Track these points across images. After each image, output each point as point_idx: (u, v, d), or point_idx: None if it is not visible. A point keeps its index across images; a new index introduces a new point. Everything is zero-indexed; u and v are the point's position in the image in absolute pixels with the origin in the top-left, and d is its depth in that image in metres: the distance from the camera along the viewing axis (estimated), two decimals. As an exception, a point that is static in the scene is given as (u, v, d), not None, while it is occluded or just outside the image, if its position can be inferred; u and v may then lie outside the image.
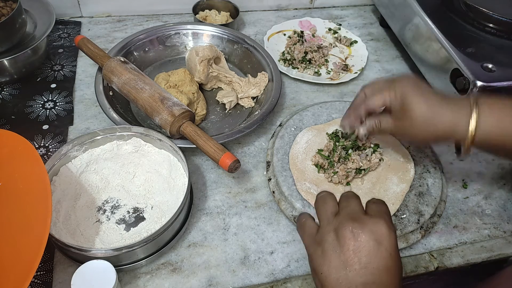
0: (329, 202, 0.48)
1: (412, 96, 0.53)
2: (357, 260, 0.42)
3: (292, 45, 0.90)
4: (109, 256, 0.51)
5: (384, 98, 0.56)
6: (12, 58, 0.73)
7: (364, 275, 0.41)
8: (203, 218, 0.62)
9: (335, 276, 0.42)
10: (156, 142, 0.64)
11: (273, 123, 0.77)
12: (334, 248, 0.43)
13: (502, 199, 0.69)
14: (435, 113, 0.52)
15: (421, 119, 0.53)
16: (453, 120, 0.52)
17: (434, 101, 0.53)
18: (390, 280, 0.42)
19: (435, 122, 0.52)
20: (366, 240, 0.42)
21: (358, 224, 0.43)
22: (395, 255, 0.43)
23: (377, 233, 0.43)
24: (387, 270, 0.42)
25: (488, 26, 0.77)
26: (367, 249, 0.42)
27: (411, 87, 0.54)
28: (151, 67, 0.84)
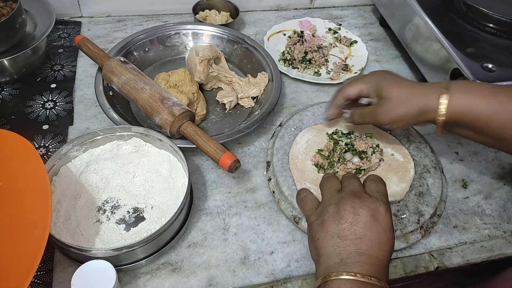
0: (333, 180, 0.53)
1: (385, 82, 0.58)
2: (353, 232, 0.46)
3: (292, 45, 0.90)
4: (109, 256, 0.51)
5: (360, 87, 0.61)
6: (12, 58, 0.74)
7: (358, 245, 0.45)
8: (203, 218, 0.62)
9: (331, 243, 0.46)
10: (156, 142, 0.64)
11: (273, 123, 0.77)
12: (334, 219, 0.47)
13: (502, 199, 0.69)
14: (408, 94, 0.57)
15: (396, 101, 0.57)
16: (425, 99, 0.55)
17: (406, 85, 0.57)
18: (382, 254, 0.46)
19: (408, 103, 0.56)
20: (364, 215, 0.47)
21: (359, 200, 0.48)
22: (389, 232, 0.47)
23: (374, 210, 0.47)
24: (380, 244, 0.46)
25: (488, 26, 0.77)
26: (364, 223, 0.46)
27: (384, 76, 0.60)
28: (151, 67, 0.84)
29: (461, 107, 0.53)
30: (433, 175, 0.67)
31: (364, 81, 0.61)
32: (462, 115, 0.54)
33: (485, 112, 0.52)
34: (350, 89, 0.62)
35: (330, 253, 0.46)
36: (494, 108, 0.52)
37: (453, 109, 0.53)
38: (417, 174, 0.67)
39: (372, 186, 0.51)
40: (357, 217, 0.47)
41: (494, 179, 0.72)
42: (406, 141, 0.72)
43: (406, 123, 0.58)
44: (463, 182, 0.71)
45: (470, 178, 0.72)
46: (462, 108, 0.53)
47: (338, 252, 0.46)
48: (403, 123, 0.58)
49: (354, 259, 0.45)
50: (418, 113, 0.56)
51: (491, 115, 0.52)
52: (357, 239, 0.46)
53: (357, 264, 0.44)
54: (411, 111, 0.56)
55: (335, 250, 0.46)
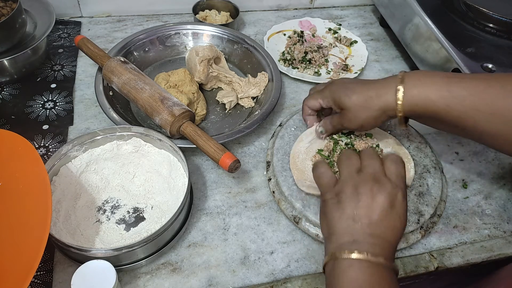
0: (353, 159, 0.52)
1: (340, 93, 0.59)
2: (369, 216, 0.47)
3: (292, 45, 0.90)
4: (109, 256, 0.51)
5: (319, 101, 0.64)
6: (12, 58, 0.74)
7: (372, 229, 0.46)
8: (203, 218, 0.62)
9: (345, 224, 0.47)
10: (156, 142, 0.64)
11: (273, 123, 0.77)
12: (351, 201, 0.48)
13: (502, 199, 0.69)
14: (363, 97, 0.57)
15: (355, 109, 0.58)
16: (382, 100, 0.56)
17: (360, 89, 0.58)
18: (394, 238, 0.47)
19: (366, 105, 0.57)
20: (382, 201, 0.47)
21: (378, 185, 0.48)
22: (403, 219, 0.48)
23: (392, 197, 0.47)
24: (393, 230, 0.47)
25: (488, 26, 0.77)
26: (380, 210, 0.47)
27: (337, 87, 0.61)
28: (151, 67, 0.84)
29: (416, 101, 0.54)
30: (433, 175, 0.67)
31: (321, 95, 0.63)
32: (419, 109, 0.54)
33: (439, 105, 0.52)
34: (311, 102, 0.65)
35: (343, 233, 0.47)
36: (447, 101, 0.52)
37: (409, 104, 0.54)
38: (417, 174, 0.67)
39: (392, 168, 0.51)
40: (375, 203, 0.47)
41: (494, 179, 0.72)
42: (406, 141, 0.72)
43: (372, 125, 0.60)
44: (463, 182, 0.71)
45: (470, 178, 0.72)
46: (418, 102, 0.54)
47: (352, 233, 0.46)
48: (370, 126, 0.60)
49: (366, 240, 0.46)
50: (380, 114, 0.57)
51: (445, 108, 0.52)
52: (372, 224, 0.46)
53: (369, 245, 0.45)
54: (373, 114, 0.57)
55: (349, 230, 0.47)
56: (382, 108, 0.56)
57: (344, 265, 0.45)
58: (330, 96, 0.61)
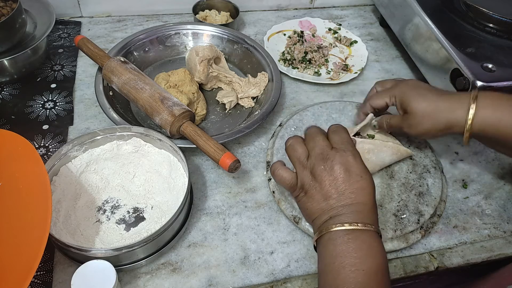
0: (297, 148, 0.54)
1: (409, 95, 0.59)
2: (335, 190, 0.49)
3: (292, 45, 0.90)
4: (109, 256, 0.51)
5: (386, 100, 0.63)
6: (12, 58, 0.73)
7: (344, 199, 0.49)
8: (203, 218, 0.62)
9: (318, 206, 0.50)
10: (156, 142, 0.64)
11: (273, 123, 0.77)
12: (314, 187, 0.51)
13: (502, 199, 0.69)
14: (433, 107, 0.56)
15: (421, 114, 0.57)
16: (451, 111, 0.56)
17: (431, 97, 0.57)
18: (366, 198, 0.49)
19: (434, 115, 0.57)
20: (338, 171, 0.50)
21: (328, 160, 0.50)
22: (366, 176, 0.50)
23: (345, 163, 0.50)
24: (361, 190, 0.49)
25: (488, 26, 0.77)
26: (340, 179, 0.49)
27: (409, 88, 0.60)
28: (151, 67, 0.84)
29: (487, 123, 0.54)
30: (433, 175, 0.67)
31: (390, 93, 0.62)
32: (489, 130, 0.54)
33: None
34: (376, 101, 0.64)
35: (320, 215, 0.50)
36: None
37: (479, 124, 0.54)
38: (417, 174, 0.67)
39: (335, 138, 0.53)
40: (333, 176, 0.49)
41: (494, 179, 0.72)
42: (406, 141, 0.72)
43: (432, 136, 0.60)
44: (463, 182, 0.71)
45: (470, 178, 0.72)
46: (489, 124, 0.54)
47: (327, 211, 0.49)
48: (429, 136, 0.60)
49: (341, 212, 0.48)
50: (445, 128, 0.57)
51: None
52: (341, 195, 0.49)
53: (345, 215, 0.48)
54: (438, 126, 0.57)
55: (324, 211, 0.50)
56: (450, 123, 0.56)
57: (325, 240, 0.48)
58: (398, 96, 0.60)
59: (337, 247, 0.46)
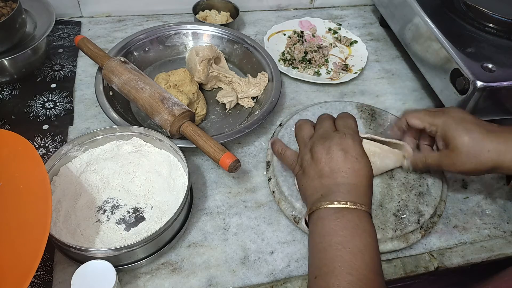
0: (304, 128, 0.56)
1: (454, 129, 0.54)
2: (329, 169, 0.50)
3: (292, 45, 0.90)
4: (109, 256, 0.51)
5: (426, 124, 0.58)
6: (12, 58, 0.73)
7: (336, 178, 0.49)
8: (203, 218, 0.62)
9: (312, 184, 0.51)
10: (156, 142, 0.64)
11: (273, 123, 0.77)
12: (311, 164, 0.51)
13: (502, 199, 0.69)
14: (478, 147, 0.53)
15: (466, 154, 0.53)
16: (498, 153, 0.52)
17: (477, 135, 0.53)
18: (358, 180, 0.49)
19: (478, 154, 0.53)
20: (335, 151, 0.50)
21: (328, 140, 0.51)
22: (361, 159, 0.50)
23: (343, 144, 0.51)
24: (355, 172, 0.49)
25: (488, 26, 0.77)
26: (336, 158, 0.50)
27: (454, 121, 0.55)
28: (151, 67, 0.84)
29: None
30: (433, 175, 0.67)
31: (432, 119, 0.57)
32: None
33: None
34: (415, 120, 0.59)
35: (313, 193, 0.50)
36: None
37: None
38: (417, 174, 0.67)
39: (340, 123, 0.54)
40: (329, 155, 0.50)
41: (494, 179, 0.72)
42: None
43: (475, 175, 0.58)
44: (463, 182, 0.71)
45: (470, 178, 0.72)
46: None
47: (319, 190, 0.50)
48: (472, 175, 0.58)
49: (333, 190, 0.48)
50: (490, 169, 0.54)
51: None
52: (334, 173, 0.49)
53: (335, 194, 0.48)
54: (482, 168, 0.54)
55: (316, 189, 0.50)
56: (496, 165, 0.53)
57: (315, 218, 0.48)
58: (442, 127, 0.56)
59: (325, 226, 0.47)
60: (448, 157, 0.56)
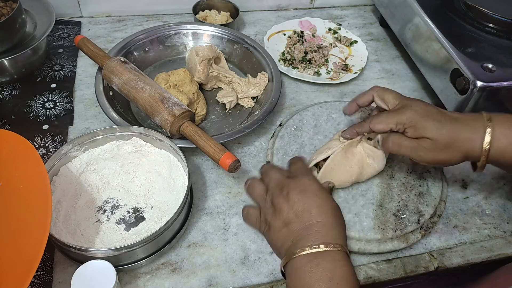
0: (256, 186, 0.53)
1: (426, 125, 0.53)
2: (293, 214, 0.48)
3: (292, 45, 0.90)
4: (109, 256, 0.51)
5: (392, 126, 0.56)
6: (12, 58, 0.73)
7: (302, 221, 0.47)
8: (203, 218, 0.62)
9: (280, 235, 0.48)
10: (156, 142, 0.64)
11: (273, 123, 0.77)
12: (274, 216, 0.49)
13: (502, 199, 0.69)
14: (451, 139, 0.53)
15: (438, 145, 0.53)
16: (468, 140, 0.52)
17: (449, 125, 0.53)
18: (323, 216, 0.47)
19: (452, 149, 0.53)
20: (294, 195, 0.48)
21: (284, 187, 0.50)
22: (321, 194, 0.49)
23: (299, 186, 0.49)
24: (318, 208, 0.48)
25: (488, 26, 0.77)
26: (297, 201, 0.48)
27: (421, 116, 0.54)
28: (151, 67, 0.84)
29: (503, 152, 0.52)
30: (433, 175, 0.67)
31: (396, 119, 0.55)
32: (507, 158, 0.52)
33: None
34: (379, 125, 0.57)
35: (283, 243, 0.48)
36: None
37: (497, 153, 0.52)
38: (417, 174, 0.67)
39: (291, 168, 0.54)
40: (290, 201, 0.48)
41: (494, 179, 0.72)
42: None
43: (448, 165, 0.57)
44: (463, 182, 0.71)
45: (470, 178, 0.72)
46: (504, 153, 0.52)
47: (288, 237, 0.47)
48: (445, 165, 0.57)
49: (302, 235, 0.46)
50: (462, 157, 0.54)
51: None
52: (299, 216, 0.47)
53: (306, 238, 0.46)
54: (455, 157, 0.54)
55: (285, 237, 0.48)
56: (466, 153, 0.53)
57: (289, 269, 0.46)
58: (409, 124, 0.54)
59: (300, 279, 0.44)
60: (421, 149, 0.55)
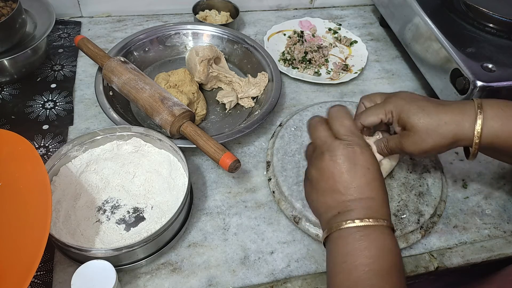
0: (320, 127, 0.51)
1: (407, 110, 0.52)
2: (340, 185, 0.46)
3: (292, 45, 0.90)
4: (109, 256, 0.51)
5: (380, 117, 0.55)
6: (12, 58, 0.73)
7: (350, 194, 0.46)
8: (203, 218, 0.62)
9: (324, 200, 0.47)
10: (156, 142, 0.64)
11: (273, 123, 0.77)
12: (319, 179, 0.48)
13: (502, 199, 0.69)
14: (436, 121, 0.51)
15: (424, 130, 0.51)
16: (456, 123, 0.51)
17: (431, 110, 0.52)
18: (374, 192, 0.46)
19: (439, 130, 0.51)
20: (342, 163, 0.46)
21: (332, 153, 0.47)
22: (373, 169, 0.47)
23: (350, 156, 0.47)
24: (369, 184, 0.46)
25: (488, 26, 0.77)
26: (346, 172, 0.46)
27: (405, 102, 0.53)
28: (151, 67, 0.84)
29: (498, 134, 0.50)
30: (433, 175, 0.67)
31: (385, 109, 0.54)
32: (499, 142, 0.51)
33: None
34: (369, 118, 0.55)
35: (327, 210, 0.47)
36: None
37: (488, 136, 0.50)
38: (417, 174, 0.67)
39: (336, 126, 0.50)
40: (337, 169, 0.46)
41: (494, 179, 0.72)
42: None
43: (436, 153, 0.56)
44: (463, 182, 0.71)
45: (470, 178, 0.72)
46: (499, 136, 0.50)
47: (334, 207, 0.46)
48: (434, 153, 0.55)
49: (350, 208, 0.45)
50: (451, 143, 0.52)
51: None
52: (347, 189, 0.46)
53: (354, 211, 0.45)
54: (443, 142, 0.51)
55: (330, 206, 0.47)
56: (456, 137, 0.51)
57: (334, 237, 0.45)
58: (395, 111, 0.53)
59: (348, 245, 0.44)
60: (408, 138, 0.53)
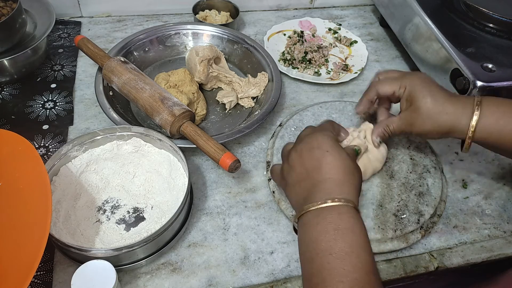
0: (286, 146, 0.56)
1: (419, 90, 0.56)
2: (304, 170, 0.50)
3: (292, 45, 0.90)
4: (109, 256, 0.51)
5: (394, 88, 0.59)
6: (12, 58, 0.73)
7: (312, 178, 0.49)
8: (203, 218, 0.62)
9: (294, 190, 0.51)
10: (156, 142, 0.64)
11: (273, 123, 0.77)
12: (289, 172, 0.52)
13: (502, 199, 0.69)
14: (439, 108, 0.55)
15: (426, 112, 0.56)
16: (455, 116, 0.55)
17: (439, 97, 0.56)
18: (334, 173, 0.48)
19: (438, 116, 0.55)
20: (305, 151, 0.50)
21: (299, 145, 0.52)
22: (332, 151, 0.49)
23: (311, 142, 0.51)
24: (328, 165, 0.48)
25: (488, 26, 0.77)
26: (308, 157, 0.50)
27: (420, 82, 0.57)
28: (151, 67, 0.84)
29: (491, 130, 0.53)
30: (433, 175, 0.67)
31: (400, 83, 0.59)
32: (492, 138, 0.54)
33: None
34: (384, 87, 0.60)
35: (297, 199, 0.50)
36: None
37: (482, 131, 0.54)
38: (417, 174, 0.67)
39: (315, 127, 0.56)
40: (302, 157, 0.50)
41: (494, 179, 0.72)
42: (406, 141, 0.72)
43: (432, 137, 0.59)
44: (463, 182, 0.71)
45: (470, 178, 0.72)
46: (492, 132, 0.53)
47: (301, 194, 0.49)
48: (429, 137, 0.59)
49: (311, 192, 0.48)
50: (446, 131, 0.56)
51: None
52: (310, 173, 0.49)
53: (314, 195, 0.47)
54: (440, 129, 0.56)
55: (298, 194, 0.50)
56: (452, 128, 0.55)
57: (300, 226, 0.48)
58: (409, 87, 0.57)
59: (308, 232, 0.46)
60: (409, 117, 0.57)
